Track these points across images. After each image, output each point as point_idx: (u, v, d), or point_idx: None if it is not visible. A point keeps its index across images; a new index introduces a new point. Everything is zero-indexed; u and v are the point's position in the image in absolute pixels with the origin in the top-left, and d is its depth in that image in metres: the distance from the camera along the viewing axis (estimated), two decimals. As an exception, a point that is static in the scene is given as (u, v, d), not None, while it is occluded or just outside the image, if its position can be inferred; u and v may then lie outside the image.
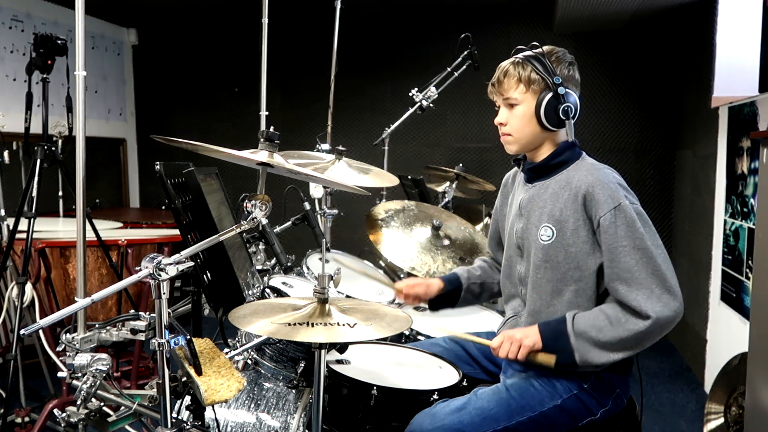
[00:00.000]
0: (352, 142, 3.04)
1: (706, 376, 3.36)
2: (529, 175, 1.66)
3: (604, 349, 1.46)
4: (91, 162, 5.06)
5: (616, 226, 1.45)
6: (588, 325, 1.48)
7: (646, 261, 1.44)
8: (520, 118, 1.58)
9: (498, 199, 1.86)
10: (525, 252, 1.63)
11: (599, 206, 1.47)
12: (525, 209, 1.63)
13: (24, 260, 2.56)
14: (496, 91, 1.62)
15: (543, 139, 1.60)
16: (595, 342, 1.46)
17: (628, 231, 1.45)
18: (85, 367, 1.34)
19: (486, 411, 1.49)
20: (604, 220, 1.46)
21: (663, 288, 1.43)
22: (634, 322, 1.43)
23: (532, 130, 1.58)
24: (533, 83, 1.55)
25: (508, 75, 1.58)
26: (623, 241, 1.45)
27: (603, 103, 4.32)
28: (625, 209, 1.46)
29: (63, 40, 2.60)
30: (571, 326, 1.49)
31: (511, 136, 1.61)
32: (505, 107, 1.62)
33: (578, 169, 1.56)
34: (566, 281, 1.54)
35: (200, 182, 1.63)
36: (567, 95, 1.54)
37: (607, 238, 1.46)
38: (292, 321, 1.32)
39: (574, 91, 1.58)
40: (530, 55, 1.57)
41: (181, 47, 5.36)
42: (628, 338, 1.44)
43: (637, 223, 1.45)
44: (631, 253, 1.44)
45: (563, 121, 1.56)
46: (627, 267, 1.44)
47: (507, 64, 1.60)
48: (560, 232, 1.53)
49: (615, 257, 1.46)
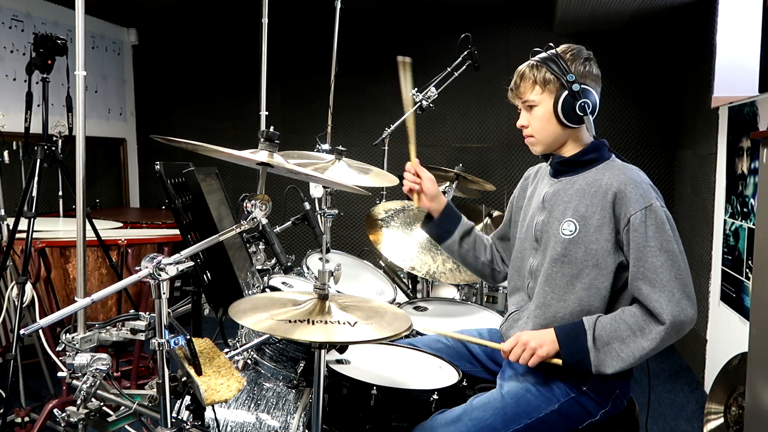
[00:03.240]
0: (352, 142, 3.03)
1: (706, 376, 3.36)
2: (557, 169, 1.66)
3: (621, 361, 1.46)
4: (91, 162, 5.07)
5: (646, 225, 1.46)
6: (611, 337, 1.47)
7: (671, 264, 1.45)
8: (539, 118, 1.60)
9: (516, 190, 1.86)
10: (542, 245, 1.63)
11: (630, 204, 1.48)
12: (549, 203, 1.63)
13: (24, 260, 2.56)
14: (515, 95, 1.64)
15: (566, 137, 1.62)
16: (617, 354, 1.46)
17: (657, 232, 1.46)
18: (85, 367, 1.34)
19: (482, 421, 1.49)
20: (634, 219, 1.47)
21: (683, 293, 1.44)
22: (655, 331, 1.43)
23: (553, 129, 1.60)
24: (548, 83, 1.57)
25: (524, 78, 1.60)
26: (651, 242, 1.45)
27: (603, 103, 4.22)
28: (656, 210, 1.47)
29: (63, 40, 2.60)
30: (591, 339, 1.48)
31: (534, 137, 1.63)
32: (525, 110, 1.64)
33: (608, 169, 1.57)
34: (581, 278, 1.53)
35: (200, 182, 1.63)
36: (583, 91, 1.56)
37: (637, 236, 1.46)
38: (291, 318, 1.32)
39: (593, 86, 1.59)
40: (544, 56, 1.59)
41: (181, 47, 5.36)
42: (649, 348, 1.44)
43: (666, 225, 1.47)
44: (657, 254, 1.45)
45: (582, 118, 1.57)
46: (653, 267, 1.45)
47: (523, 67, 1.62)
48: (583, 228, 1.53)
49: (642, 256, 1.46)
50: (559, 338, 1.50)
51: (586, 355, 1.47)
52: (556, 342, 1.50)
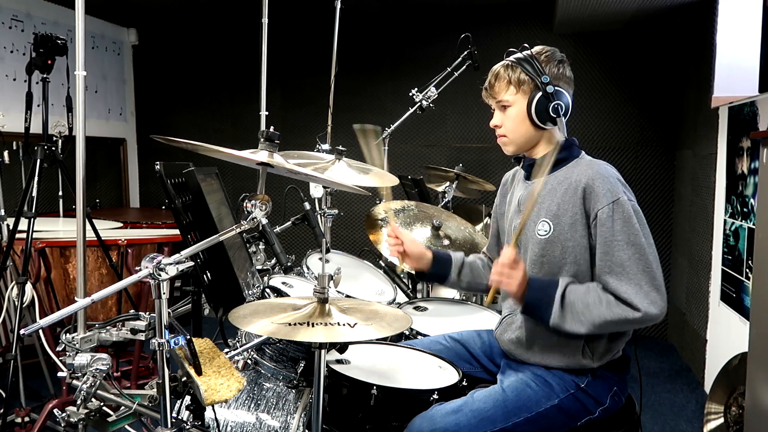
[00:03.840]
0: (352, 142, 3.03)
1: (706, 376, 3.36)
2: (529, 172, 1.67)
3: (581, 324, 1.46)
4: (91, 162, 5.06)
5: (613, 220, 1.47)
6: (577, 298, 1.47)
7: (639, 257, 1.45)
8: (513, 119, 1.61)
9: (497, 197, 1.88)
10: (522, 248, 1.64)
11: (598, 199, 1.48)
12: (523, 205, 1.65)
13: (24, 260, 2.56)
14: (489, 95, 1.65)
15: (538, 138, 1.63)
16: (579, 316, 1.46)
17: (624, 226, 1.46)
18: (85, 367, 1.34)
19: (482, 412, 1.50)
20: (601, 213, 1.47)
21: (652, 285, 1.44)
22: (623, 309, 1.43)
23: (526, 129, 1.61)
24: (523, 84, 1.58)
25: (498, 78, 1.62)
26: (618, 236, 1.46)
27: (603, 103, 4.32)
28: (623, 204, 1.47)
29: (63, 40, 2.60)
30: (561, 295, 1.48)
31: (507, 137, 1.65)
32: (498, 110, 1.65)
33: (577, 165, 1.58)
34: (561, 275, 1.54)
35: (200, 182, 1.63)
36: (557, 93, 1.57)
37: (604, 231, 1.47)
38: (292, 321, 1.32)
39: (566, 89, 1.60)
40: (519, 57, 1.60)
41: (181, 47, 5.36)
42: (612, 321, 1.44)
43: (633, 219, 1.47)
44: (624, 248, 1.46)
45: (555, 119, 1.58)
46: (619, 261, 1.46)
47: (497, 67, 1.63)
48: (557, 227, 1.54)
49: (609, 250, 1.47)
50: (530, 282, 1.50)
51: (550, 303, 1.47)
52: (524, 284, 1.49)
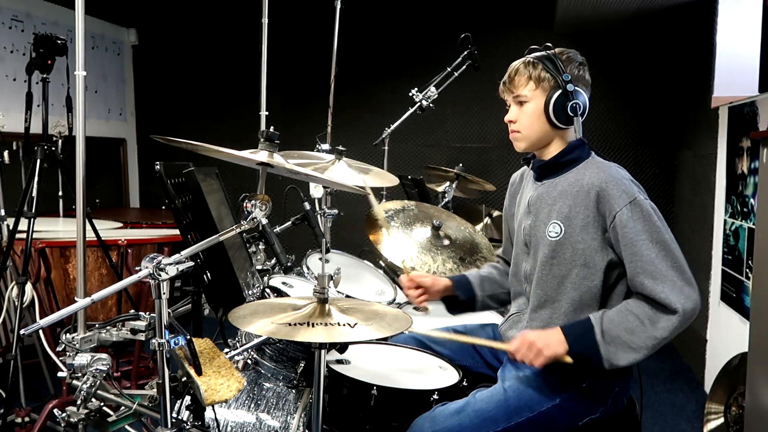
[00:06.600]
0: (352, 142, 3.03)
1: (706, 376, 3.36)
2: (539, 173, 1.66)
3: (634, 351, 1.44)
4: (91, 162, 5.05)
5: (634, 220, 1.45)
6: (620, 329, 1.44)
7: (665, 253, 1.44)
8: (529, 115, 1.60)
9: (506, 199, 1.85)
10: (532, 249, 1.63)
11: (614, 202, 1.47)
12: (534, 206, 1.63)
13: (24, 260, 2.56)
14: (507, 89, 1.64)
15: (552, 137, 1.62)
16: (628, 346, 1.44)
17: (646, 224, 1.46)
18: (85, 367, 1.34)
19: (485, 413, 1.50)
20: (621, 215, 1.46)
21: (683, 280, 1.43)
22: (665, 319, 1.42)
23: (541, 127, 1.59)
24: (543, 81, 1.57)
25: (518, 73, 1.60)
26: (642, 235, 1.45)
27: (603, 103, 4.31)
28: (641, 203, 1.47)
29: (63, 40, 2.59)
30: (600, 333, 1.45)
31: (520, 133, 1.63)
32: (515, 105, 1.63)
33: (588, 168, 1.57)
34: (571, 278, 1.53)
35: (200, 182, 1.63)
36: (576, 93, 1.56)
37: (627, 232, 1.46)
38: (292, 321, 1.32)
39: (584, 90, 1.60)
40: (541, 54, 1.59)
41: (181, 47, 5.36)
42: (661, 338, 1.43)
43: (653, 216, 1.47)
44: (651, 246, 1.44)
45: (572, 119, 1.57)
46: (649, 260, 1.44)
47: (518, 63, 1.62)
48: (569, 229, 1.53)
49: (637, 251, 1.45)
50: (567, 336, 1.48)
51: (596, 349, 1.45)
52: (563, 341, 1.48)
